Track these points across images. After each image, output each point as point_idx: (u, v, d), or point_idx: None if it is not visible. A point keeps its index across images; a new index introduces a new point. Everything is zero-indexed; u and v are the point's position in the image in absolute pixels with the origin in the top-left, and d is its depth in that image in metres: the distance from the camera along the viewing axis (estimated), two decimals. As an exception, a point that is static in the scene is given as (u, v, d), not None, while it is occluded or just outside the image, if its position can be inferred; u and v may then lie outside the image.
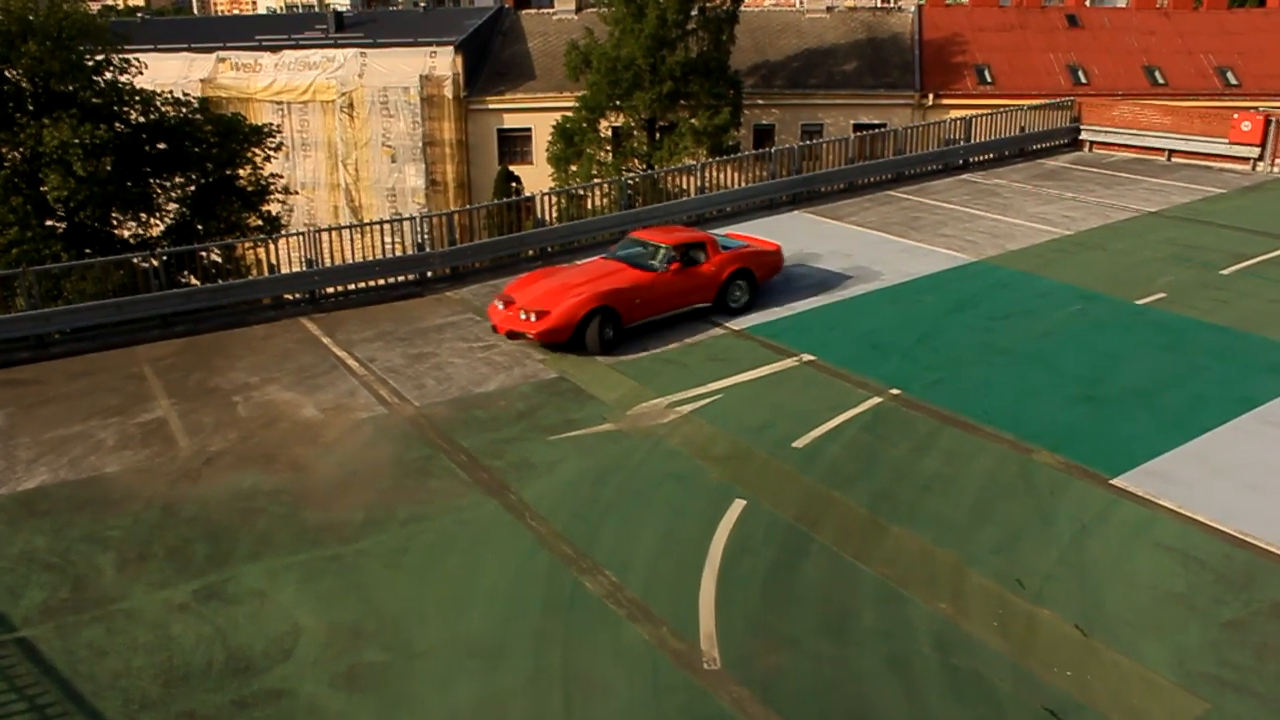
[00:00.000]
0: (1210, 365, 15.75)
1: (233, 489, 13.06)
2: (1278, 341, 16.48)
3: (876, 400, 14.80)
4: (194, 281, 22.69)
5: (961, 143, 30.11)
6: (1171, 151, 30.23)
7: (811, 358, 16.38)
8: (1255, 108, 31.22)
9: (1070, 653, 9.53)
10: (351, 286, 21.00)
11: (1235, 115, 29.45)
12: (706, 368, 16.19)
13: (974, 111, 32.23)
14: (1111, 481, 12.47)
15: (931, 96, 43.87)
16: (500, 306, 17.30)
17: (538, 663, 9.60)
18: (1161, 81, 43.60)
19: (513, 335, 17.20)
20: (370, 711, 9.05)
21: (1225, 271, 20.01)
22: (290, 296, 20.57)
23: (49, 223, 25.68)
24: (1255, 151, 28.63)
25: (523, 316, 16.75)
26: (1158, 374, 15.49)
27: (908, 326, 17.59)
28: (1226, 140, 29.10)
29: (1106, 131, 31.71)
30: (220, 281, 20.91)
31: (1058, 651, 9.56)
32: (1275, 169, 28.44)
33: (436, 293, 20.88)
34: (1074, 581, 10.61)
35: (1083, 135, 32.12)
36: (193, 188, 28.02)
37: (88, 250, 24.99)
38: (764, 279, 19.07)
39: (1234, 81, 43.35)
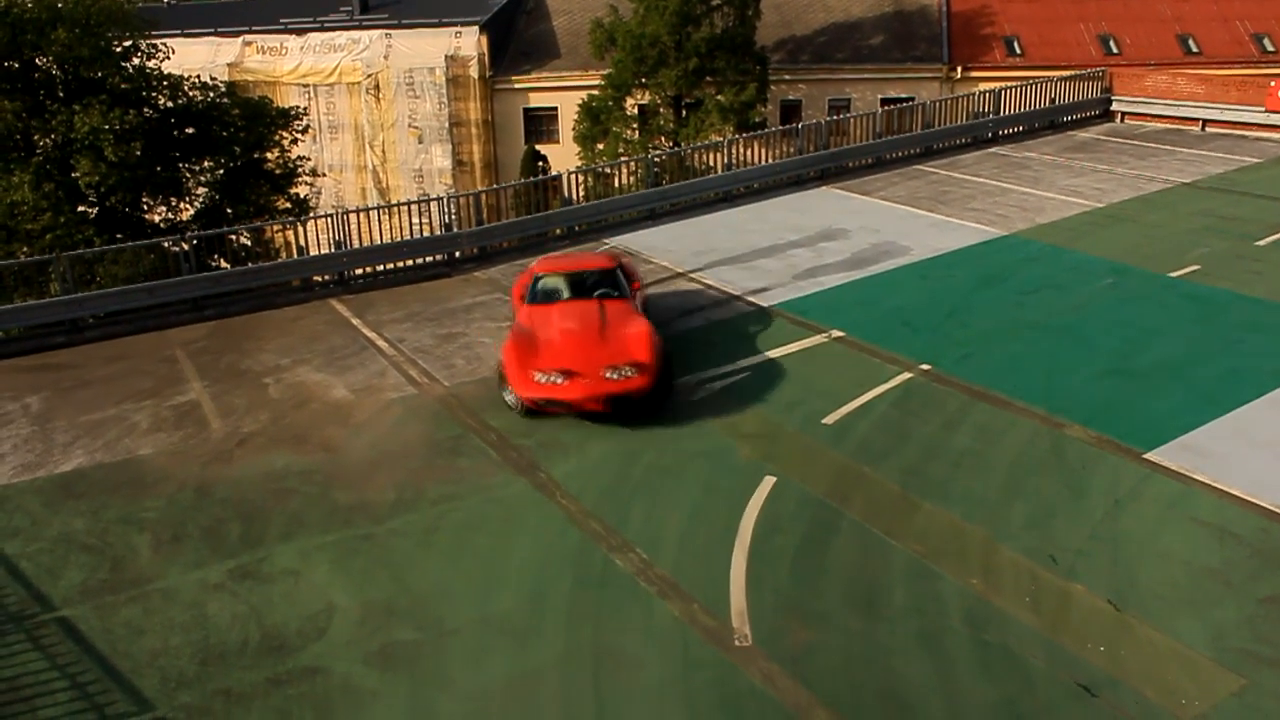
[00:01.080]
0: (1245, 338, 15.54)
1: (265, 470, 13.18)
2: (1314, 313, 16.25)
3: (906, 376, 14.71)
4: (224, 265, 22.86)
5: (990, 116, 29.79)
6: (1206, 121, 29.77)
7: (841, 334, 16.30)
8: (1292, 75, 30.69)
9: (1103, 628, 9.47)
10: (380, 268, 21.08)
11: (1272, 83, 28.93)
12: (735, 344, 16.14)
13: (1003, 84, 31.84)
14: (1145, 456, 12.35)
15: (960, 69, 43.33)
16: (558, 381, 13.53)
17: (568, 640, 9.64)
18: (1195, 50, 42.87)
19: (609, 400, 13.47)
20: (403, 689, 9.13)
21: (1261, 243, 19.72)
22: (319, 278, 20.67)
23: (81, 208, 25.90)
24: (1292, 120, 28.17)
25: (611, 375, 13.46)
26: (1191, 347, 15.31)
27: (937, 302, 17.46)
28: (1263, 108, 28.60)
29: (1139, 102, 31.28)
30: (250, 264, 21.07)
31: (1090, 627, 9.50)
32: (1312, 138, 27.98)
33: (465, 273, 20.92)
34: (1107, 557, 10.53)
35: (1114, 106, 31.69)
36: (221, 171, 28.15)
37: (119, 235, 25.19)
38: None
39: (1270, 48, 42.55)
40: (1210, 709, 8.47)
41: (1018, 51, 43.85)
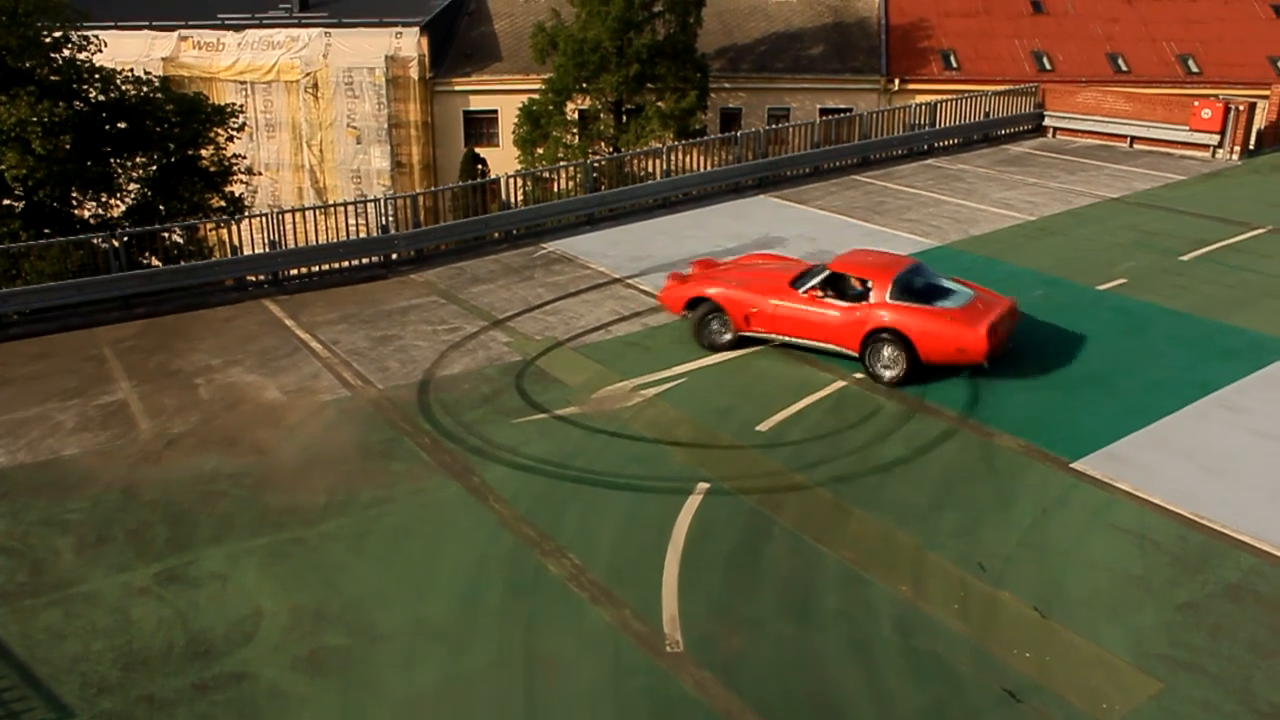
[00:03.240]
0: (1169, 350, 15.94)
1: (194, 472, 12.95)
2: (1235, 327, 16.70)
3: (840, 384, 14.87)
4: (155, 263, 22.47)
5: (927, 128, 30.23)
6: (1133, 138, 30.49)
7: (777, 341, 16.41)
8: (1215, 95, 31.51)
9: (1029, 634, 9.65)
10: (315, 268, 20.84)
11: (1196, 103, 29.75)
12: (671, 351, 16.20)
13: (939, 97, 32.37)
14: (1072, 465, 12.61)
15: (898, 81, 43.96)
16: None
17: (500, 645, 9.61)
18: (1124, 69, 43.95)
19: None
20: (333, 695, 9.03)
21: (1185, 257, 20.24)
22: (253, 278, 20.38)
23: (6, 202, 25.28)
24: (1215, 139, 28.92)
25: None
26: (1118, 359, 15.66)
27: (872, 311, 17.63)
28: (1187, 127, 29.37)
29: (1070, 118, 31.92)
30: (182, 263, 20.73)
31: (1017, 633, 9.67)
32: (1234, 156, 28.77)
33: (401, 275, 20.75)
34: (1034, 564, 10.73)
35: (1046, 121, 32.32)
36: (154, 168, 27.66)
37: (46, 230, 24.59)
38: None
39: (1195, 69, 43.75)
40: (1130, 712, 8.67)
41: (954, 65, 44.60)
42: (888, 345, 14.67)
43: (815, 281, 15.41)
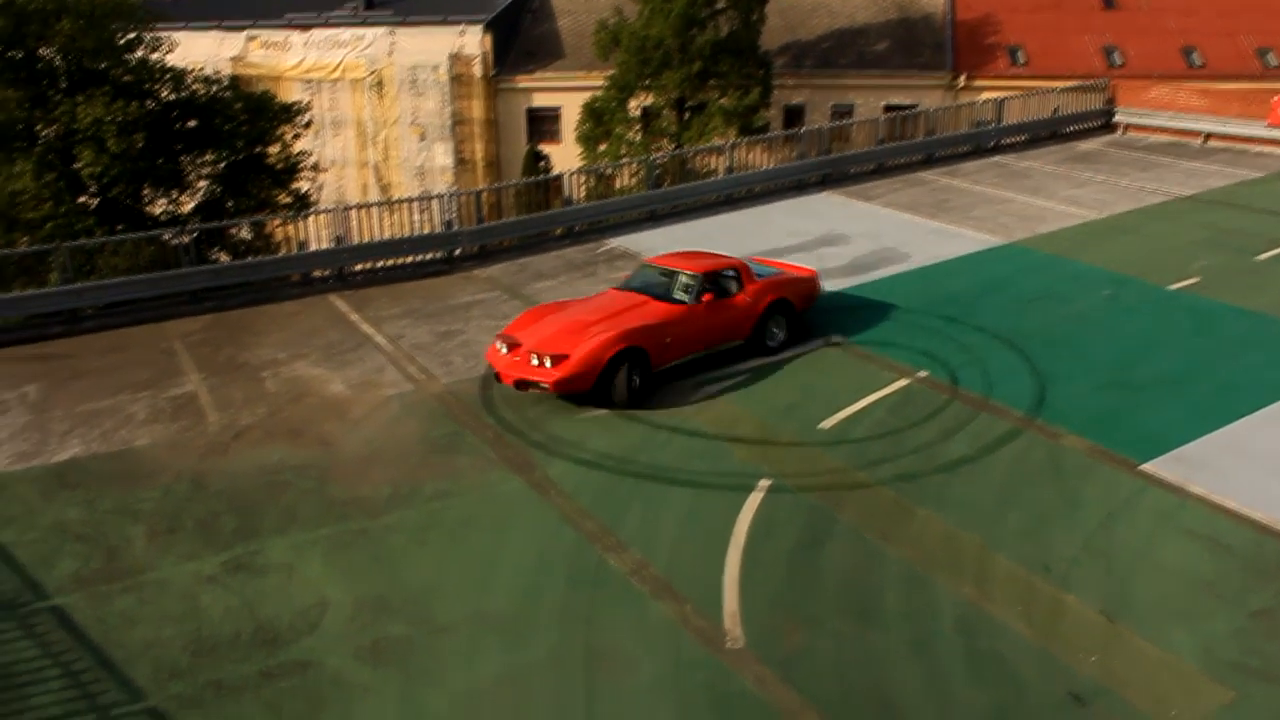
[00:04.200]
0: (1243, 351, 15.56)
1: (260, 463, 13.18)
2: (1312, 328, 16.27)
3: (904, 382, 14.73)
4: (224, 258, 22.89)
5: (993, 124, 29.83)
6: (1208, 134, 29.79)
7: (839, 339, 16.32)
8: (1295, 90, 30.71)
9: (1095, 638, 9.48)
10: (380, 264, 21.09)
11: (1275, 98, 28.98)
12: (733, 348, 16.13)
13: (1006, 93, 31.89)
14: (1140, 467, 12.37)
15: (964, 77, 43.40)
16: (502, 350, 14.40)
17: (561, 638, 9.65)
18: (1199, 63, 42.96)
19: (521, 385, 14.03)
20: (394, 685, 9.13)
21: (1260, 257, 19.74)
22: (319, 273, 20.69)
23: (82, 199, 25.92)
24: (1294, 135, 28.20)
25: (534, 362, 13.88)
26: (1189, 360, 15.33)
27: (936, 309, 17.47)
28: (1265, 123, 28.65)
29: (1141, 114, 31.30)
30: (250, 258, 21.08)
31: (1082, 637, 9.51)
32: (1314, 153, 28.00)
33: (464, 271, 20.93)
34: (1100, 567, 10.54)
35: (1117, 118, 31.73)
36: (223, 165, 28.17)
37: (119, 226, 25.19)
38: (802, 310, 16.48)
39: (1274, 63, 42.63)
40: (1200, 720, 8.49)
41: (1021, 61, 43.93)
42: (776, 315, 15.88)
43: (699, 287, 15.22)
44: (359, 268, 20.93)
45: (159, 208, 27.81)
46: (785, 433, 13.47)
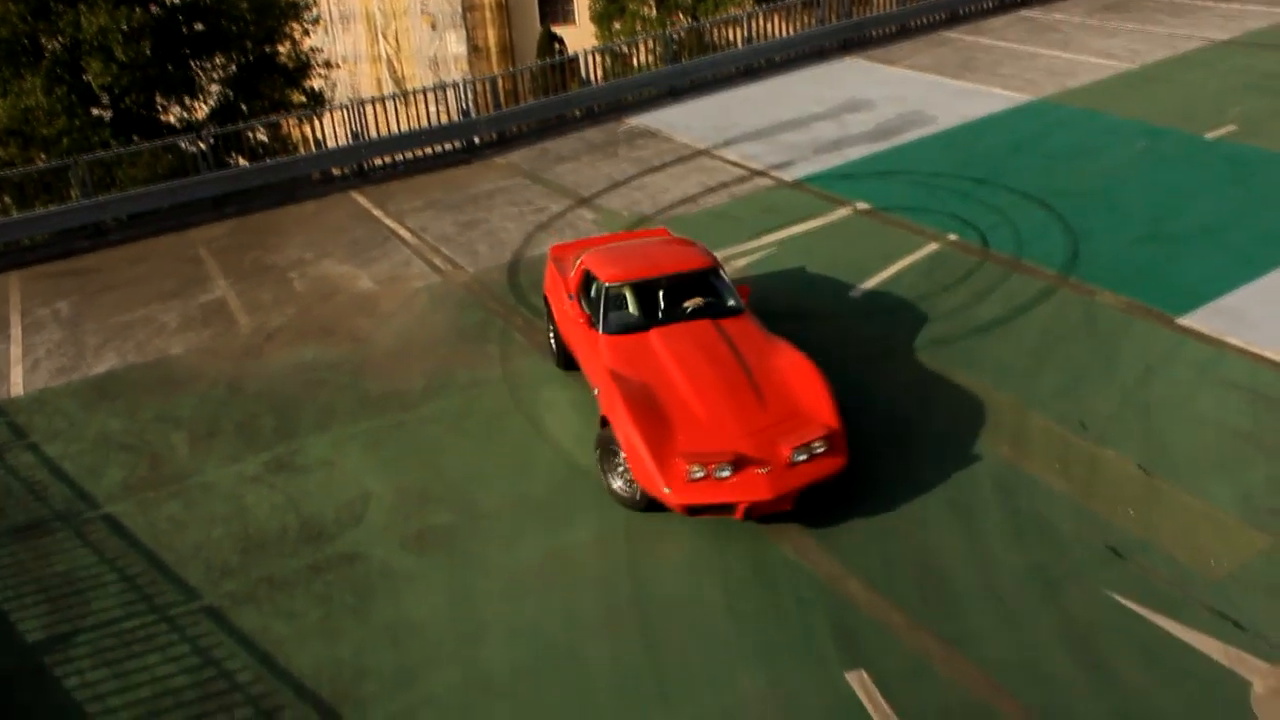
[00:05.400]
0: (1282, 198, 15.19)
1: (295, 363, 13.28)
2: (1355, 169, 15.82)
3: (934, 247, 14.52)
4: (242, 162, 22.70)
5: (1019, -24, 28.72)
6: (1244, -27, 28.57)
7: (866, 206, 16.07)
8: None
9: (1133, 492, 9.48)
10: (399, 157, 20.89)
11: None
12: (760, 219, 15.96)
13: (1032, -58, 30.62)
14: (1177, 321, 12.20)
15: (987, -71, 41.75)
16: (725, 475, 9.01)
17: (602, 519, 9.75)
18: (1233, -102, 41.03)
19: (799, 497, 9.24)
20: (440, 571, 9.31)
21: (1300, 98, 19.12)
22: (339, 171, 20.54)
23: (95, 111, 25.68)
24: (1336, -32, 26.99)
25: (799, 456, 9.15)
26: (1226, 210, 14.98)
27: (965, 171, 17.12)
28: (1304, -43, 27.42)
29: (1174, -44, 30.02)
30: (268, 160, 20.91)
31: (1120, 491, 9.51)
32: (1356, -14, 26.84)
33: (484, 159, 20.69)
34: (1138, 422, 10.48)
35: (1149, -39, 30.45)
36: (234, 68, 27.77)
37: (135, 137, 25.00)
38: None
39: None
40: (1239, 568, 8.50)
41: (1047, -93, 42.10)
42: None
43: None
44: (378, 162, 20.73)
45: (173, 116, 27.54)
46: (816, 302, 13.36)
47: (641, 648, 8.24)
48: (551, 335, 12.39)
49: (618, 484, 9.79)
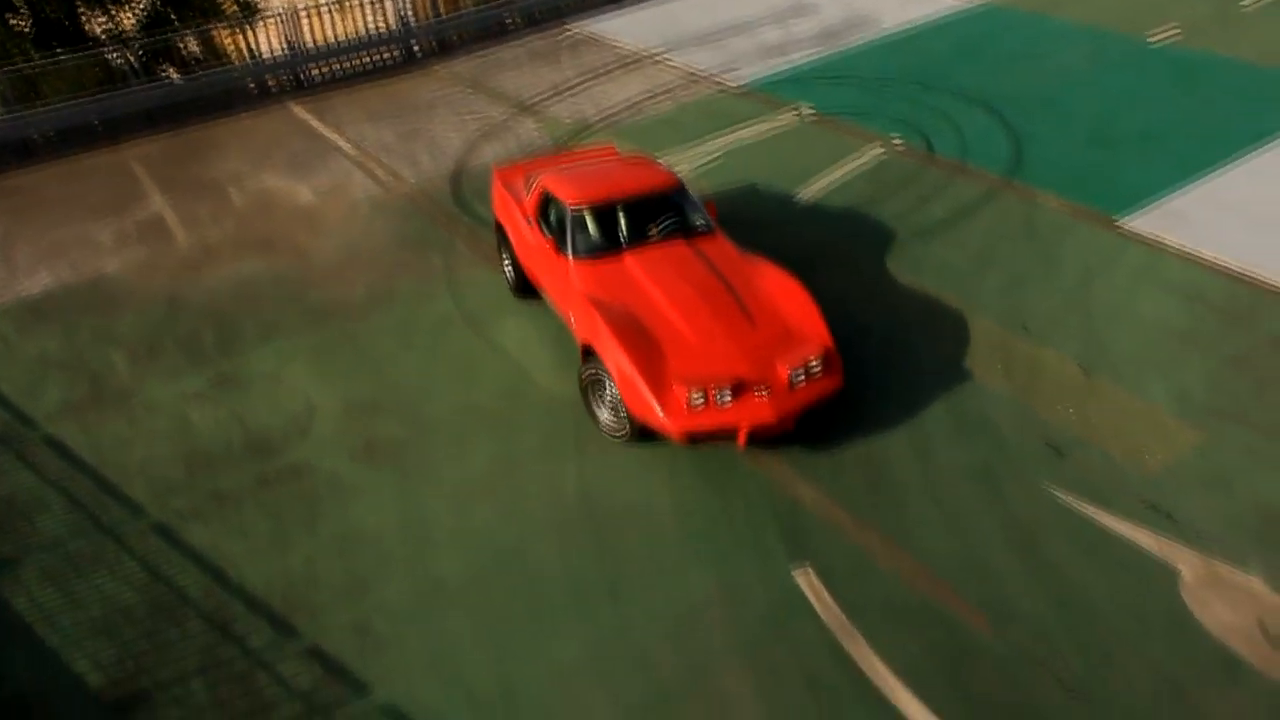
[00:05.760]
0: (1224, 102, 15.29)
1: (235, 278, 13.05)
2: (1293, 71, 15.97)
3: (879, 151, 14.51)
4: (174, 74, 22.00)
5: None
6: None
7: (812, 111, 15.98)
8: None
9: (1073, 392, 9.66)
10: (337, 67, 20.35)
11: None
12: (705, 125, 15.83)
13: None
14: (1118, 224, 12.34)
15: None
16: (727, 400, 8.75)
17: (551, 426, 9.77)
18: None
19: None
20: (389, 482, 9.31)
21: (1248, 4, 19.15)
22: (274, 82, 19.97)
23: (13, 22, 24.67)
24: None
25: (797, 376, 8.95)
26: (1167, 113, 15.08)
27: (911, 75, 17.05)
28: None
29: None
30: (201, 72, 20.29)
31: (1061, 391, 9.69)
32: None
33: (425, 68, 20.23)
34: (1078, 323, 10.64)
35: None
36: (160, -27, 26.75)
37: (58, 49, 24.09)
38: None
39: None
40: (1173, 463, 8.74)
41: None
42: None
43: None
44: (316, 73, 20.21)
45: (99, 27, 26.54)
46: (762, 206, 13.33)
47: (591, 550, 8.34)
48: (507, 262, 12.02)
49: (605, 415, 9.50)
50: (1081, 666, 7.02)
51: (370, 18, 21.01)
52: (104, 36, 25.79)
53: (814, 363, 8.97)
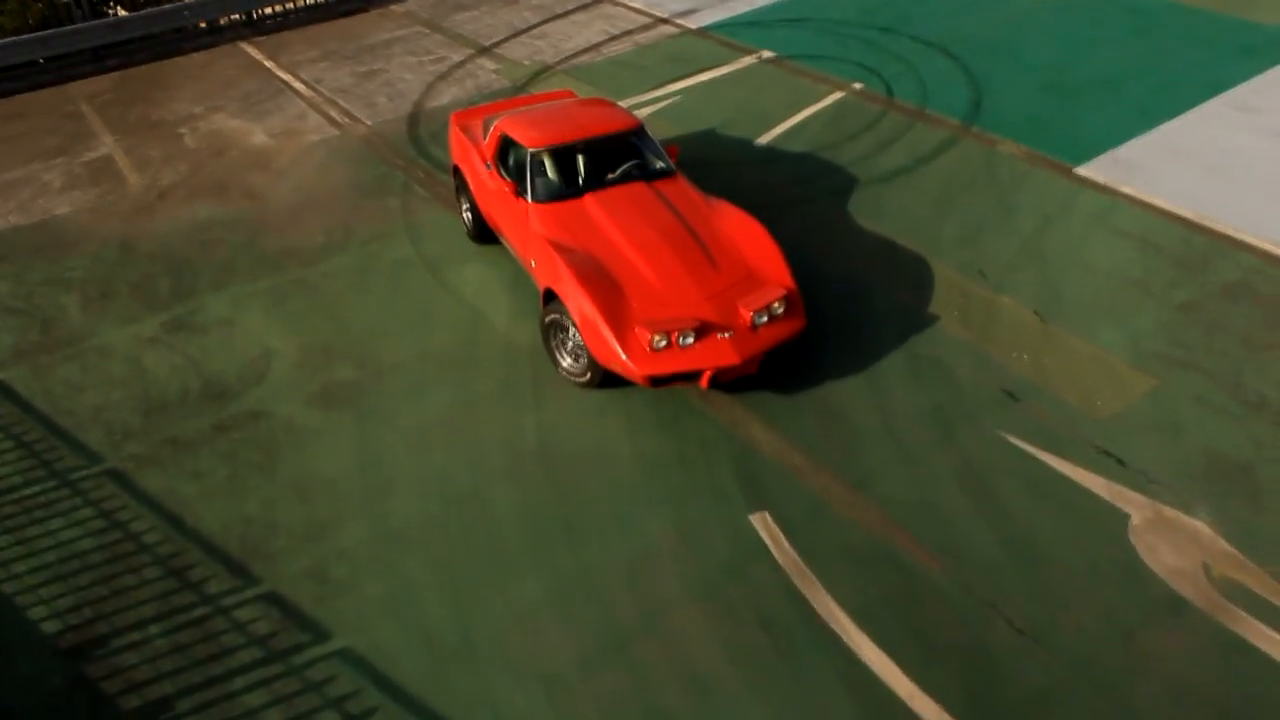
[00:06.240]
0: (1181, 49, 15.37)
1: (189, 221, 12.85)
2: (1252, 23, 16.02)
3: (839, 95, 14.47)
4: (121, 11, 21.45)
5: None
6: None
7: (772, 55, 15.89)
8: None
9: (1028, 338, 9.77)
10: (290, 5, 19.94)
11: None
12: (664, 68, 15.70)
13: None
14: (1075, 170, 12.42)
15: None
16: (689, 342, 8.77)
17: (508, 369, 9.77)
18: None
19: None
20: (347, 425, 9.27)
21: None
22: (226, 20, 19.55)
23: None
24: None
25: (759, 318, 9.00)
26: (1126, 60, 15.13)
27: (871, 17, 16.97)
28: None
29: None
30: (149, 8, 19.79)
31: (1016, 337, 9.79)
32: None
33: (381, 7, 19.88)
34: (1035, 270, 10.74)
35: None
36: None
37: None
38: None
39: None
40: (1124, 409, 8.87)
41: None
42: None
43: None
44: (269, 11, 19.79)
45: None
46: (720, 151, 13.28)
47: (549, 493, 8.38)
48: (465, 208, 11.90)
49: (566, 361, 9.52)
50: (1032, 608, 7.17)
51: (325, -46, 20.57)
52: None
53: (776, 305, 9.01)
